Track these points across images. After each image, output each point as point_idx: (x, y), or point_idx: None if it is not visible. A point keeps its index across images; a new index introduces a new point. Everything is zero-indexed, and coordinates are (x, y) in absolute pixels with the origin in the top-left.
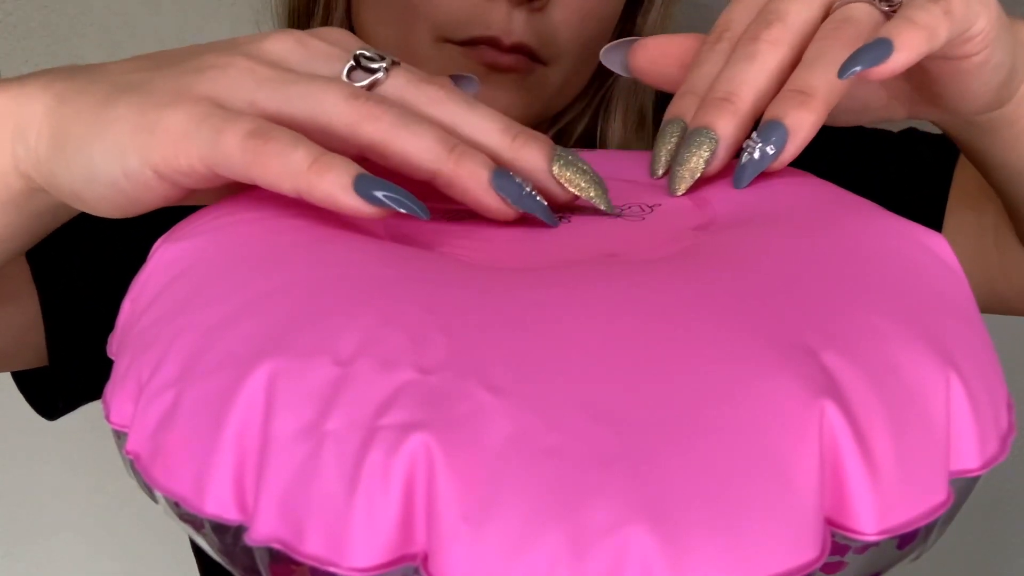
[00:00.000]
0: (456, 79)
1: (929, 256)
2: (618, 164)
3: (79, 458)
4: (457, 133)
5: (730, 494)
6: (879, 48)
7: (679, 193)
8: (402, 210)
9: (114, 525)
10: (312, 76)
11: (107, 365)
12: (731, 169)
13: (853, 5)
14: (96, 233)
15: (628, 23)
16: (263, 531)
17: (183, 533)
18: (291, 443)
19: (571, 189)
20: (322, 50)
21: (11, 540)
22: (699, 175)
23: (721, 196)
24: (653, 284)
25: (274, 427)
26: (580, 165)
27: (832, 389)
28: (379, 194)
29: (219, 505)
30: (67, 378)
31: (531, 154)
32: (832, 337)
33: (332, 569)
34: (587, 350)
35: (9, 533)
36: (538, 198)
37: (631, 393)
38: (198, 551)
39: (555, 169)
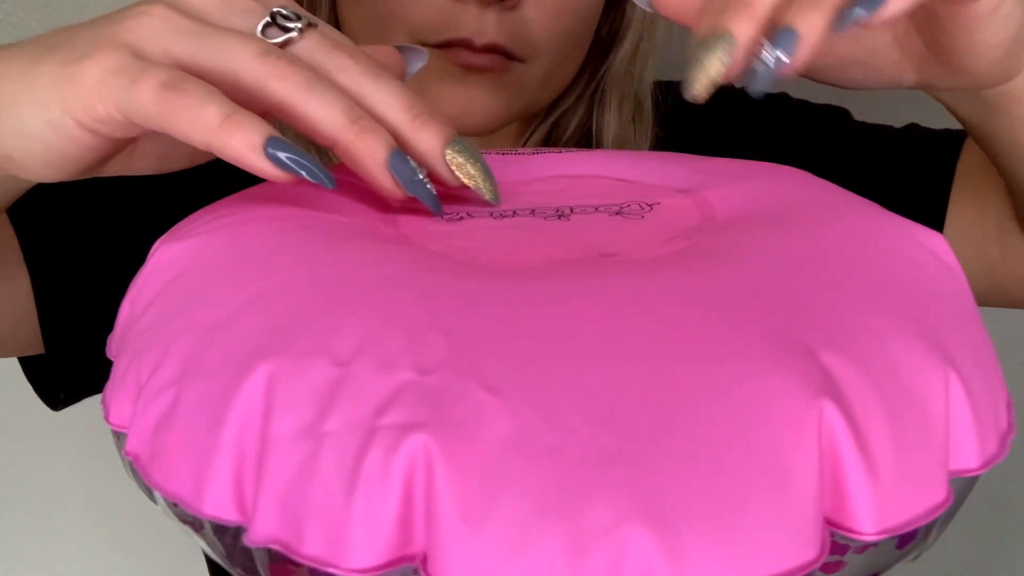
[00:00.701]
0: (403, 51)
1: (929, 255)
2: (618, 164)
3: (79, 458)
4: (361, 103)
5: (729, 494)
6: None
7: (695, 93)
8: (308, 177)
9: (114, 525)
10: (227, 30)
11: (105, 358)
12: (732, 173)
13: None
14: (88, 216)
15: (616, 13)
16: (262, 532)
17: (184, 534)
18: (290, 444)
19: (460, 176)
20: (240, 4)
21: (11, 540)
22: (717, 77)
23: (721, 195)
24: (652, 284)
25: (273, 428)
26: (474, 154)
27: (831, 389)
28: (286, 158)
29: (218, 506)
30: (66, 368)
31: (428, 135)
32: (831, 337)
33: (331, 570)
34: (586, 350)
35: (9, 533)
36: (428, 186)
37: (630, 393)
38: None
39: (448, 154)
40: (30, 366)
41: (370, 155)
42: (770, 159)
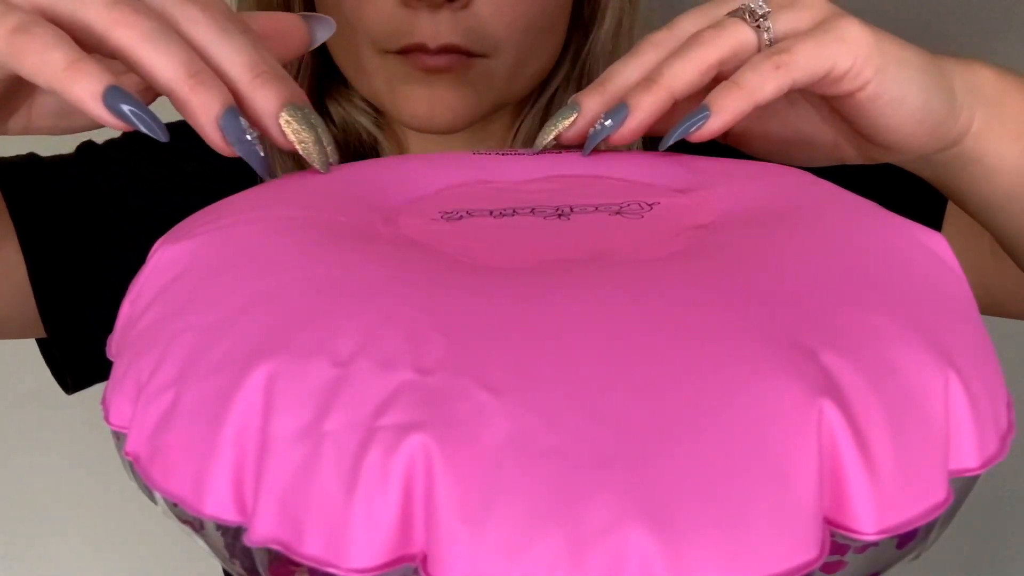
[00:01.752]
0: (309, 19)
1: (928, 255)
2: (618, 164)
3: (79, 458)
4: (205, 58)
5: (729, 494)
6: (697, 115)
7: (537, 147)
8: (143, 128)
9: (114, 525)
10: None
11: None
12: (732, 172)
13: (727, 18)
14: (83, 199)
15: (588, 4)
16: (262, 532)
17: (184, 534)
18: (290, 444)
19: (293, 140)
20: None
21: (11, 540)
22: (553, 133)
23: (721, 195)
24: (652, 284)
25: (273, 428)
26: (309, 121)
27: (831, 389)
28: (125, 108)
29: (218, 506)
30: (69, 352)
31: (265, 95)
32: (831, 337)
33: (331, 570)
34: (586, 350)
35: (9, 533)
36: (257, 148)
37: (630, 393)
38: None
39: (283, 117)
40: (46, 348)
41: (202, 109)
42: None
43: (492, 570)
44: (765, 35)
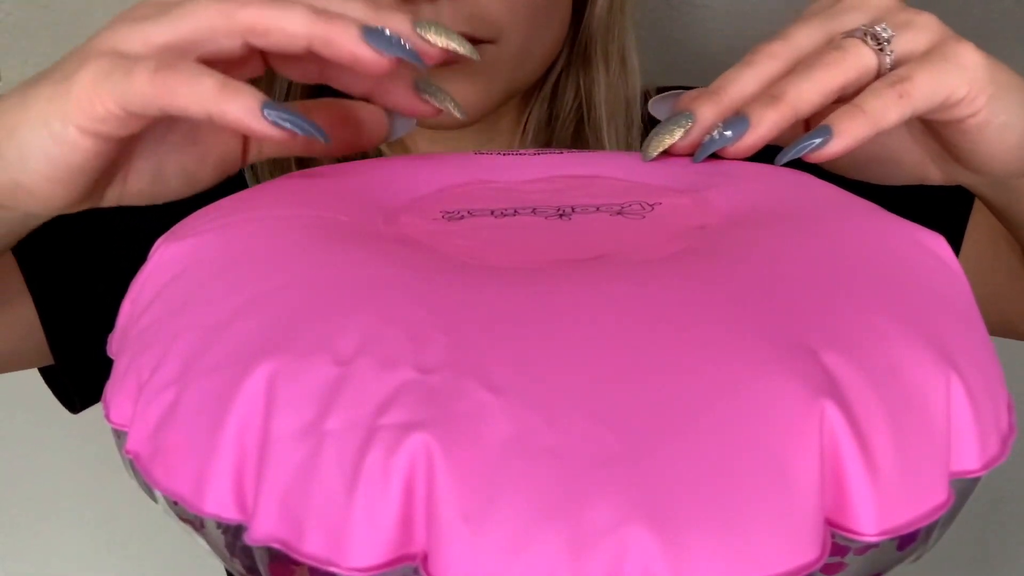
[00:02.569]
0: (391, 114)
1: (929, 256)
2: (619, 164)
3: (79, 458)
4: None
5: (730, 494)
6: (818, 135)
7: (649, 158)
8: (303, 132)
9: (114, 525)
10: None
11: (111, 362)
12: (733, 173)
13: (846, 39)
14: (85, 231)
15: None
16: (262, 531)
17: (184, 533)
18: (291, 443)
19: (436, 42)
20: None
21: (11, 539)
22: (668, 144)
23: (722, 195)
24: (654, 283)
25: (274, 427)
26: (440, 25)
27: (832, 390)
28: (281, 118)
29: (219, 505)
30: (77, 375)
31: (394, 20)
32: (833, 337)
33: (332, 569)
34: (587, 349)
35: (9, 532)
36: (408, 46)
37: (631, 393)
38: None
39: (419, 30)
40: (48, 371)
41: (344, 35)
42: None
43: (493, 569)
44: (887, 59)
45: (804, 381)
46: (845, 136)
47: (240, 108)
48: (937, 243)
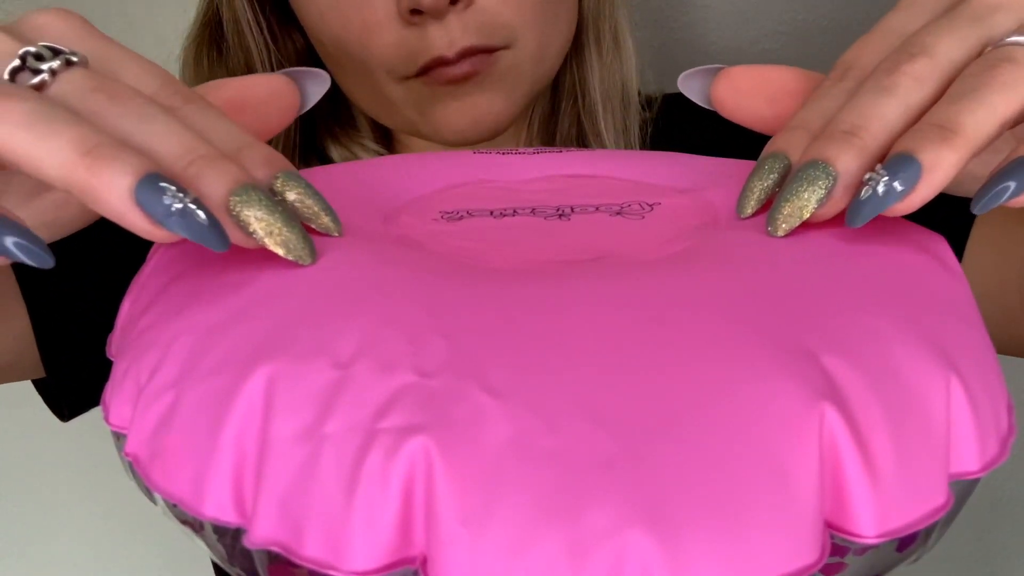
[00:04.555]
0: (297, 75)
1: (930, 258)
2: (619, 163)
3: (79, 458)
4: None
5: (730, 497)
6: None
7: (779, 234)
8: (25, 258)
9: (114, 525)
10: None
11: (105, 371)
12: (734, 173)
13: (1015, 47)
14: (84, 247)
15: None
16: (262, 534)
17: (183, 534)
18: (290, 446)
19: (257, 232)
20: None
21: (11, 540)
22: (807, 215)
23: (722, 196)
24: (653, 285)
25: (273, 429)
26: (267, 202)
27: (832, 392)
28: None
29: (218, 507)
30: (68, 386)
31: (205, 184)
32: (832, 339)
33: (331, 572)
34: (587, 352)
35: (9, 533)
36: (197, 217)
37: (631, 396)
38: None
39: (232, 206)
40: (39, 380)
41: (108, 188)
42: None
43: (492, 572)
44: None
45: (803, 383)
46: None
47: None
48: (937, 244)
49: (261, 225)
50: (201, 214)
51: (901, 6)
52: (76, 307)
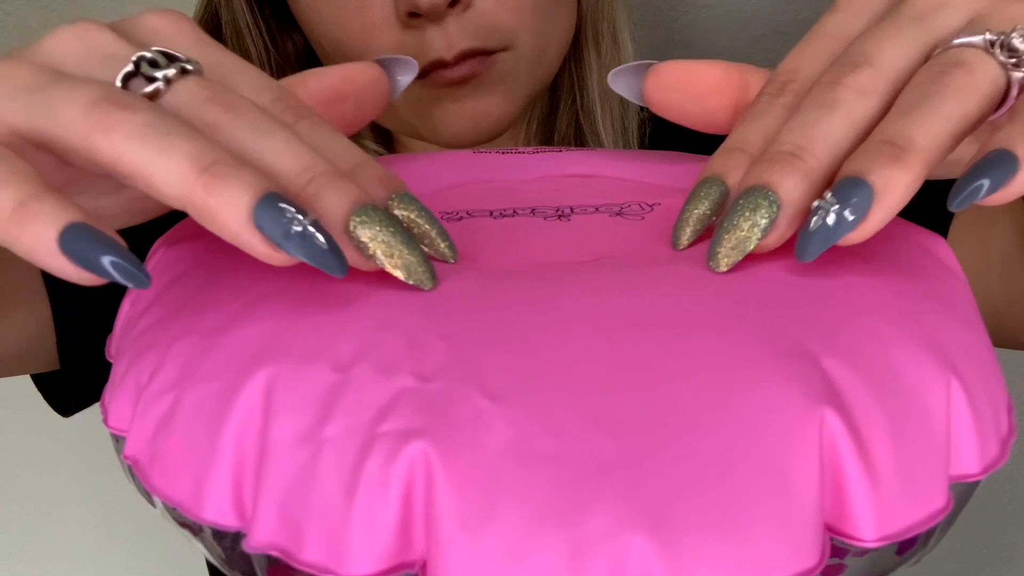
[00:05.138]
0: (387, 63)
1: (930, 259)
2: (619, 163)
3: (79, 459)
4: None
5: (730, 501)
6: (999, 164)
7: (721, 269)
8: (121, 278)
9: (114, 525)
10: (72, 80)
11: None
12: None
13: (964, 48)
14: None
15: None
16: (261, 538)
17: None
18: (289, 449)
19: (376, 254)
20: (104, 48)
21: (11, 540)
22: (751, 247)
23: None
24: (652, 288)
25: (272, 433)
26: (391, 224)
27: (832, 395)
28: (91, 256)
29: (217, 511)
30: (79, 379)
31: (324, 203)
32: (832, 342)
33: None
34: (586, 356)
35: (9, 532)
36: (316, 240)
37: (630, 399)
38: None
39: (352, 225)
40: (39, 377)
41: (226, 208)
42: None
43: None
44: (1019, 76)
45: (803, 387)
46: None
47: (30, 241)
48: (937, 245)
49: (381, 247)
50: (320, 237)
51: (838, 6)
52: (96, 298)
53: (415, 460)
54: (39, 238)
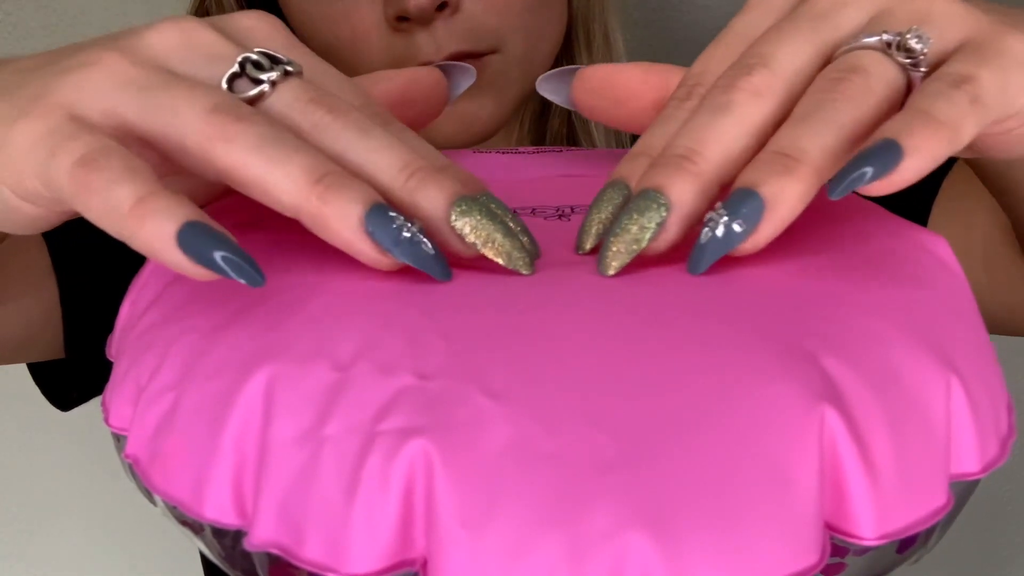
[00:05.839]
0: (448, 69)
1: (930, 258)
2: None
3: (79, 458)
4: (345, 165)
5: (730, 500)
6: (884, 153)
7: (609, 273)
8: (233, 274)
9: (114, 525)
10: (181, 81)
11: None
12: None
13: (861, 52)
14: None
15: None
16: (262, 536)
17: (183, 535)
18: (290, 448)
19: (473, 240)
20: (209, 48)
21: (11, 540)
22: (640, 249)
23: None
24: (653, 288)
25: (273, 432)
26: (490, 210)
27: (832, 394)
28: (206, 252)
29: (218, 510)
30: (82, 369)
31: (426, 196)
32: (832, 341)
33: (331, 574)
34: (586, 355)
35: (9, 533)
36: (424, 246)
37: (630, 398)
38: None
39: (453, 216)
40: (39, 370)
41: (338, 217)
42: None
43: (492, 575)
44: (918, 76)
45: (803, 386)
46: (922, 154)
47: (149, 235)
48: (937, 244)
49: (480, 235)
50: (428, 243)
51: (748, 7)
52: (104, 286)
53: (415, 458)
54: (158, 234)
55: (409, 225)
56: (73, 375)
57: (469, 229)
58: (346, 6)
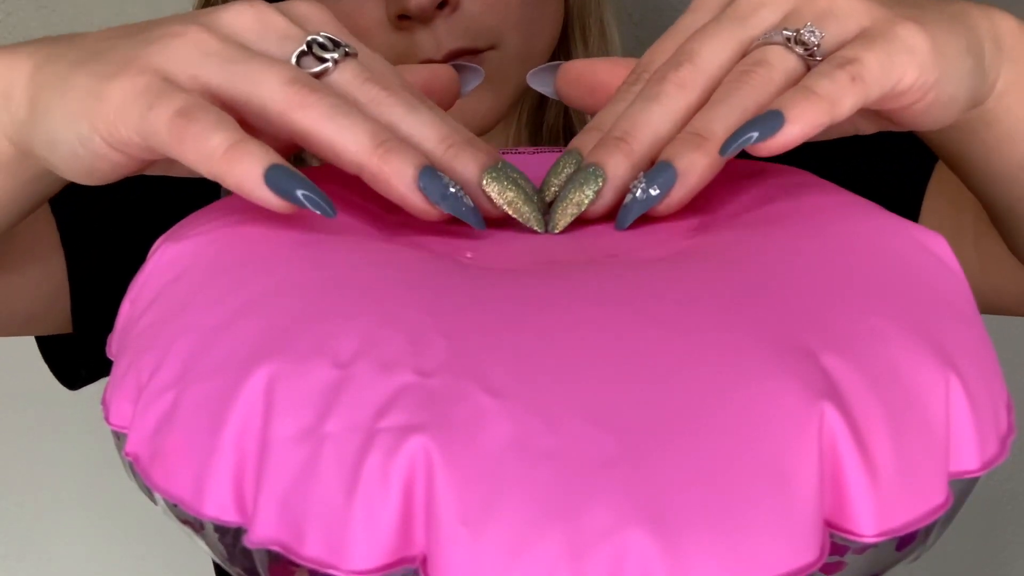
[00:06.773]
0: (460, 69)
1: (928, 256)
2: None
3: (79, 458)
4: (395, 134)
5: (729, 497)
6: (768, 121)
7: (557, 230)
8: (309, 206)
9: (114, 525)
10: (259, 56)
11: None
12: (732, 172)
13: (767, 48)
14: (125, 199)
15: None
16: (262, 533)
17: (184, 534)
18: (290, 445)
19: (499, 201)
20: (279, 29)
21: (11, 540)
22: (580, 212)
23: (720, 195)
24: (652, 286)
25: (273, 429)
26: (513, 178)
27: (831, 391)
28: (287, 187)
29: (218, 507)
30: (91, 346)
31: (463, 164)
32: (831, 339)
33: (331, 571)
34: (586, 353)
35: (9, 533)
36: (464, 200)
37: (630, 396)
38: None
39: (484, 182)
40: (47, 345)
41: (397, 175)
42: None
43: (492, 572)
44: (815, 64)
45: (803, 383)
46: (801, 122)
47: (241, 175)
48: (935, 242)
49: (505, 197)
50: (468, 199)
51: (692, 8)
52: (112, 262)
53: (416, 456)
54: (248, 174)
55: (452, 183)
56: (81, 352)
57: (496, 193)
58: (349, 5)
